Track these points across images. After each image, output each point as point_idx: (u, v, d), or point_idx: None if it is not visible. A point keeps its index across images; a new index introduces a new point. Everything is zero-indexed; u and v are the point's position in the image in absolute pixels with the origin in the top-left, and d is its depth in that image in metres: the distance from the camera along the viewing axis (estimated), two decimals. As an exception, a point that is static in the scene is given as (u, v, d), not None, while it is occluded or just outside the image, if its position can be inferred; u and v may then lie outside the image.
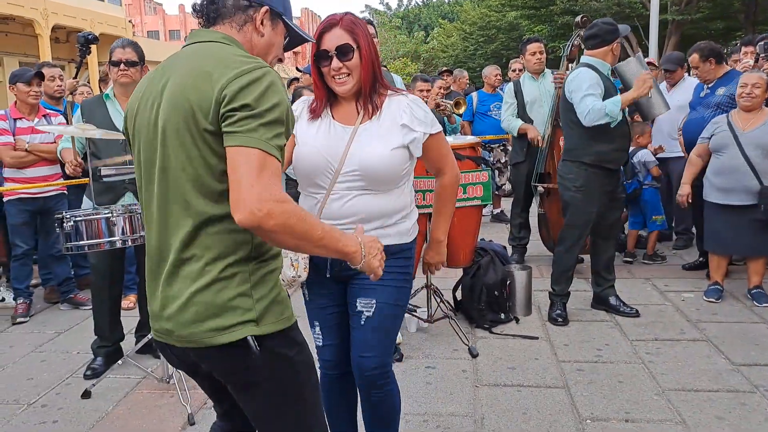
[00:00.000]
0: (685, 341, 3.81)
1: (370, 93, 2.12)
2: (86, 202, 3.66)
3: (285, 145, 1.48)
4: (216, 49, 1.52)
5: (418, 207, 2.35)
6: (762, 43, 5.12)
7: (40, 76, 4.63)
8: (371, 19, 58.32)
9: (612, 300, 4.30)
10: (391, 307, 2.18)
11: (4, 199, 4.69)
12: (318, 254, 1.56)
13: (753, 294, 4.46)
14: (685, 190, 4.59)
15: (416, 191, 2.54)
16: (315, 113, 2.17)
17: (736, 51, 6.31)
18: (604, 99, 3.85)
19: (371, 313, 2.15)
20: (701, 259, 5.21)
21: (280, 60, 1.73)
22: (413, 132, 2.12)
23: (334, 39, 2.05)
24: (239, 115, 1.40)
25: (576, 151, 4.07)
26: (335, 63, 2.06)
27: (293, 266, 2.11)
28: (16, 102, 4.66)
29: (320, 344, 2.29)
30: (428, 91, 5.40)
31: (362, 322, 2.16)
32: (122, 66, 3.50)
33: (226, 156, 1.42)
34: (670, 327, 4.06)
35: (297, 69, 8.34)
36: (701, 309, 4.35)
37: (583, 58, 4.11)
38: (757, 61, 5.24)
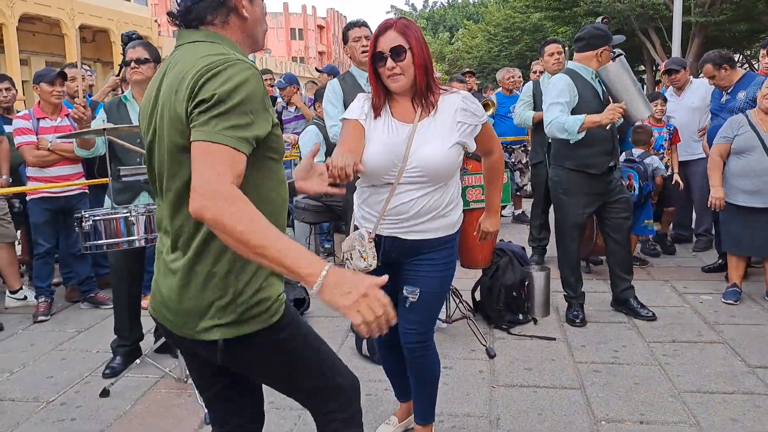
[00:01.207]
0: (702, 343, 3.77)
1: (425, 91, 2.30)
2: (107, 202, 3.72)
3: (254, 135, 1.46)
4: (194, 50, 1.53)
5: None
6: None
7: (63, 77, 4.73)
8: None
9: (630, 302, 4.26)
10: (432, 295, 2.46)
11: (27, 198, 4.79)
12: (261, 264, 1.40)
13: (773, 296, 4.39)
14: (720, 193, 4.43)
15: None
16: (376, 111, 2.36)
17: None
18: (579, 106, 3.86)
19: (416, 299, 2.40)
20: (720, 261, 5.15)
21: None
22: (470, 126, 2.32)
23: (389, 41, 2.24)
24: (196, 111, 1.43)
25: (559, 156, 4.12)
26: (389, 63, 2.24)
27: (363, 257, 2.31)
28: (39, 102, 4.76)
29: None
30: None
31: (407, 305, 2.41)
32: (133, 64, 3.55)
33: None
34: (687, 329, 4.01)
35: (316, 70, 8.40)
36: (719, 311, 4.30)
37: (569, 63, 4.12)
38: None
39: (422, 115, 2.31)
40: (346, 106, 3.64)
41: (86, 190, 4.90)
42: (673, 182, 5.54)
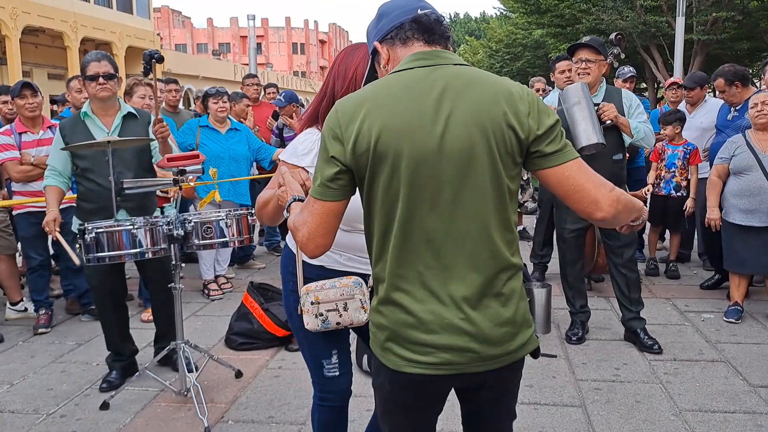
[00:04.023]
0: (703, 362, 3.76)
1: None
2: (75, 222, 3.58)
3: None
4: (475, 70, 1.56)
5: None
6: None
7: (29, 88, 4.59)
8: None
9: (638, 333, 4.03)
10: None
11: (14, 213, 4.73)
12: None
13: (775, 315, 4.39)
14: (716, 213, 4.50)
15: None
16: None
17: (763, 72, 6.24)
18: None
19: None
20: (717, 276, 5.16)
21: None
22: None
23: None
24: (554, 134, 1.53)
25: None
26: None
27: (363, 308, 2.03)
28: (19, 116, 4.68)
29: (336, 374, 2.18)
30: None
31: None
32: (100, 80, 3.46)
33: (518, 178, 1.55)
34: (688, 347, 4.00)
35: None
36: (721, 330, 4.29)
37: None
38: (780, 80, 5.18)
39: None
40: None
41: (75, 204, 4.87)
42: (685, 208, 5.34)
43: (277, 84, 8.24)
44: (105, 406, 3.33)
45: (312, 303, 2.01)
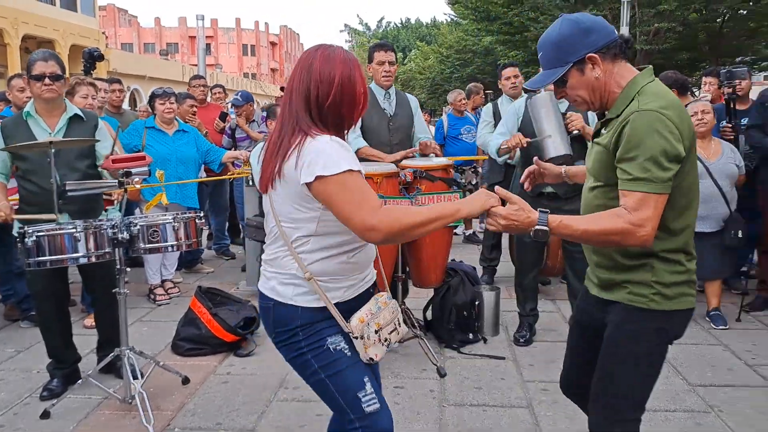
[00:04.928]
0: (646, 362, 3.88)
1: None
2: (16, 225, 3.43)
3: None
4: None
5: None
6: (724, 71, 5.29)
7: None
8: (350, 39, 58.59)
9: None
10: None
11: None
12: None
13: (711, 316, 4.57)
14: None
15: None
16: None
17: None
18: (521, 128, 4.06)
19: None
20: None
21: None
22: None
23: None
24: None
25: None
26: None
27: (398, 330, 2.03)
28: None
29: (377, 407, 1.95)
30: None
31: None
32: (46, 80, 3.36)
33: None
34: (632, 348, 4.11)
35: (282, 89, 8.08)
36: (663, 330, 4.43)
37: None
38: (719, 88, 5.39)
39: None
40: (364, 121, 4.04)
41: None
42: None
43: (224, 85, 8.10)
44: (45, 415, 3.21)
45: (375, 332, 1.94)
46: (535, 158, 2.51)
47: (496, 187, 1.87)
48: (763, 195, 4.78)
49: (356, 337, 1.91)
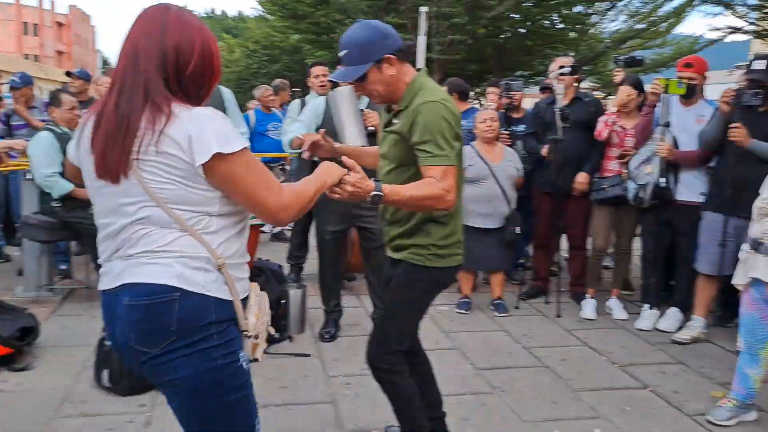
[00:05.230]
0: (439, 350, 4.13)
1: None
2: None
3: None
4: None
5: None
6: (503, 83, 5.88)
7: None
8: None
9: None
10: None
11: None
12: None
13: (495, 305, 5.03)
14: None
15: None
16: None
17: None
18: None
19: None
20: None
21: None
22: None
23: None
24: None
25: None
26: None
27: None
28: None
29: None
30: None
31: None
32: None
33: None
34: (426, 338, 4.28)
35: (67, 74, 7.11)
36: (453, 320, 4.79)
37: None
38: (500, 98, 5.96)
39: None
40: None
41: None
42: None
43: None
44: None
45: (263, 325, 1.82)
46: (322, 130, 2.68)
47: (343, 158, 2.02)
48: (537, 196, 5.36)
49: (250, 337, 1.71)
